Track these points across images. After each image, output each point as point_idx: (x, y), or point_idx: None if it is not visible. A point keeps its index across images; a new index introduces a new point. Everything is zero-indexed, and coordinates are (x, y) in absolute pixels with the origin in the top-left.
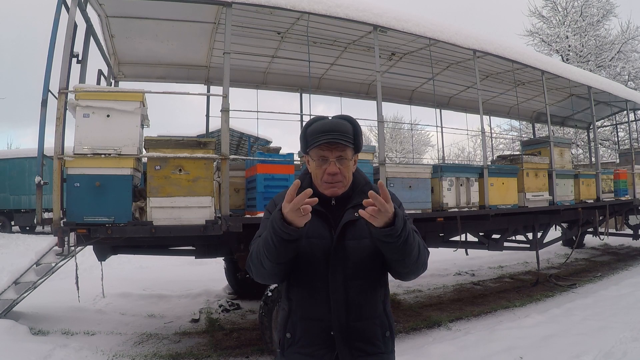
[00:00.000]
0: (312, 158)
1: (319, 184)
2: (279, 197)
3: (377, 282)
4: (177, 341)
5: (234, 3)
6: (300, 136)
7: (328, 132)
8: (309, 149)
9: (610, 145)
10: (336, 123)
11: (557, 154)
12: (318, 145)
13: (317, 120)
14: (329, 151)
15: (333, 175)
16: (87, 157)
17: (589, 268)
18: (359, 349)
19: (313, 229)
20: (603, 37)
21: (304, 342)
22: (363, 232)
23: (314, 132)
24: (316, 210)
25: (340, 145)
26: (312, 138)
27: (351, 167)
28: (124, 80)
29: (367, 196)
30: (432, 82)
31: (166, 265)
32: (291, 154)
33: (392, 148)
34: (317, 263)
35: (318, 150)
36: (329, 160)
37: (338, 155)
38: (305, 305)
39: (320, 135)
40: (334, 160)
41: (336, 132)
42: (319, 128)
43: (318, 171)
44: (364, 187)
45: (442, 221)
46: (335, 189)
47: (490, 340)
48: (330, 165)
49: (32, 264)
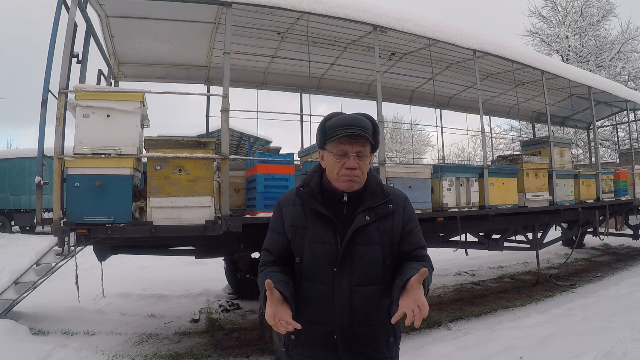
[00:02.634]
0: (331, 151)
1: (334, 178)
2: (284, 199)
3: (383, 288)
4: (177, 341)
5: (234, 3)
6: (318, 129)
7: (349, 126)
8: (328, 141)
9: (610, 145)
10: (357, 118)
11: (557, 154)
12: (338, 138)
13: (337, 114)
14: (349, 145)
15: (352, 170)
16: (87, 157)
17: (589, 268)
18: (361, 354)
19: (316, 233)
20: (603, 37)
21: (308, 344)
22: (373, 237)
23: (334, 125)
24: (321, 214)
25: (361, 140)
26: (333, 131)
27: (368, 165)
28: (124, 80)
29: (378, 198)
30: (432, 82)
31: (166, 265)
32: (291, 154)
33: (392, 148)
34: (320, 268)
35: (338, 144)
36: (348, 154)
37: (358, 151)
38: (309, 308)
39: (342, 128)
40: (353, 154)
41: (358, 126)
42: (340, 122)
43: (336, 165)
44: (375, 188)
45: (442, 221)
46: (352, 184)
47: (490, 340)
48: (350, 160)
49: (32, 264)
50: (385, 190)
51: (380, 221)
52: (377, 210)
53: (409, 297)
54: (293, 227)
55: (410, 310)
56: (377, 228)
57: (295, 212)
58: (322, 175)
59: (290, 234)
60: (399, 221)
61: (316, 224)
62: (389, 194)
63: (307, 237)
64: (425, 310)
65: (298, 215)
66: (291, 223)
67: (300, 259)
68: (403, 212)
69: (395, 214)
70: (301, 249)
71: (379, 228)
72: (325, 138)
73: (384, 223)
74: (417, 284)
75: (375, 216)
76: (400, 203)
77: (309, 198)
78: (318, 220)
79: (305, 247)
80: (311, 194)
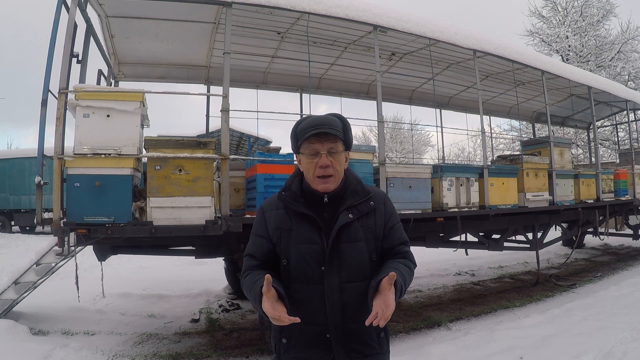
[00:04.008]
0: (304, 153)
1: (311, 180)
2: (266, 204)
3: None
4: (177, 341)
5: (234, 3)
6: (290, 136)
7: (317, 126)
8: (299, 144)
9: (610, 145)
10: (325, 117)
11: (557, 154)
12: (308, 138)
13: (306, 118)
14: (319, 144)
15: (325, 167)
16: (87, 157)
17: (589, 268)
18: (355, 351)
19: (301, 234)
20: (603, 37)
21: (301, 346)
22: (358, 234)
23: (303, 127)
24: (305, 215)
25: (330, 136)
26: (303, 133)
27: (342, 162)
28: (124, 80)
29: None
30: (432, 82)
31: (166, 265)
32: (291, 154)
33: (392, 148)
34: (308, 268)
35: (309, 145)
36: (319, 153)
37: (329, 148)
38: (300, 310)
39: (310, 129)
40: (324, 152)
41: (325, 125)
42: (309, 123)
43: (310, 166)
44: (356, 186)
45: (442, 221)
46: (327, 185)
47: (490, 340)
48: (322, 158)
49: (32, 264)
50: (365, 188)
51: (363, 218)
52: (359, 207)
53: (380, 299)
54: (278, 230)
55: (380, 310)
56: (360, 225)
57: (279, 216)
58: (302, 179)
59: (275, 237)
60: (381, 218)
61: (301, 225)
62: (370, 192)
63: (292, 239)
64: (389, 311)
65: (282, 218)
66: (275, 226)
67: (287, 260)
68: (384, 209)
69: (377, 211)
70: (287, 251)
71: (363, 225)
72: (297, 141)
73: (367, 220)
74: (388, 286)
75: (358, 213)
76: (381, 200)
77: (291, 201)
78: (302, 222)
79: (292, 248)
80: (293, 197)
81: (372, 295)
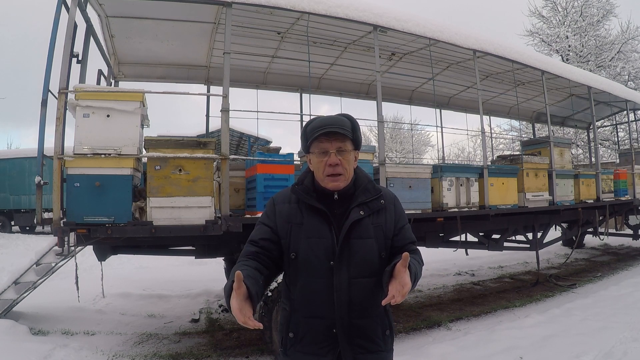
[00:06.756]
0: (314, 152)
1: (321, 179)
2: (278, 197)
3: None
4: (177, 341)
5: (234, 3)
6: (300, 136)
7: (326, 126)
8: (309, 143)
9: (610, 145)
10: (335, 117)
11: (557, 154)
12: (317, 137)
13: (316, 118)
14: (328, 142)
15: (334, 166)
16: (87, 157)
17: (589, 268)
18: (360, 346)
19: (312, 227)
20: (603, 37)
21: (307, 340)
22: (368, 231)
23: (313, 127)
24: (316, 209)
25: (339, 135)
26: (312, 132)
27: (351, 161)
28: (124, 80)
29: (370, 194)
30: (432, 82)
31: (166, 265)
32: (291, 154)
33: (392, 148)
34: (317, 262)
35: (318, 144)
36: (329, 151)
37: (338, 147)
38: (307, 304)
39: (320, 128)
40: (334, 151)
41: (334, 124)
42: (318, 123)
43: (320, 165)
44: (367, 185)
45: (442, 221)
46: (337, 183)
47: (490, 340)
48: (331, 157)
49: (32, 264)
50: (376, 186)
51: (373, 216)
52: (370, 205)
53: (396, 281)
54: (288, 224)
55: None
56: (371, 222)
57: (290, 209)
58: (314, 176)
59: (285, 230)
60: (391, 217)
61: (312, 219)
62: (381, 190)
63: (302, 233)
64: (406, 289)
65: (294, 212)
66: (287, 220)
67: (296, 254)
68: (394, 209)
69: (387, 210)
70: (297, 244)
71: (373, 222)
72: (307, 141)
73: (377, 217)
74: (403, 268)
75: (369, 211)
76: (391, 200)
77: (304, 194)
78: (314, 215)
79: (301, 242)
80: (306, 191)
81: (387, 279)
